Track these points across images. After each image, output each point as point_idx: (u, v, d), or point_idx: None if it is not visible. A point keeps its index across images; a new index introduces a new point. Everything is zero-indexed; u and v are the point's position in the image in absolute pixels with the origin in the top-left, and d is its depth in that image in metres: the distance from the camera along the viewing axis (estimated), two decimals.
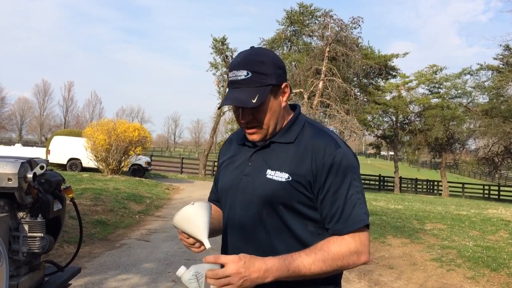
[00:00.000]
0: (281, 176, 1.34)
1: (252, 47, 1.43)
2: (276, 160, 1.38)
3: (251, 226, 1.38)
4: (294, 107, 1.51)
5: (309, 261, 1.25)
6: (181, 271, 1.25)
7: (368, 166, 59.65)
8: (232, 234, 1.44)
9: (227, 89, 1.44)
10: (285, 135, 1.41)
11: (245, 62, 1.36)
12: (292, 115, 1.47)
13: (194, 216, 1.29)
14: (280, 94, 1.40)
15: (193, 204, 1.30)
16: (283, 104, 1.41)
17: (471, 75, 29.20)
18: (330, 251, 1.27)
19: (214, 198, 1.64)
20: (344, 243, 1.29)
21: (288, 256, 1.25)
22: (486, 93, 29.02)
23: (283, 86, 1.40)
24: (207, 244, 1.30)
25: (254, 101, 1.32)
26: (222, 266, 1.21)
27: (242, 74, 1.35)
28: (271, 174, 1.36)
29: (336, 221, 1.31)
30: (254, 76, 1.34)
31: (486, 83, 28.53)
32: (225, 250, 1.47)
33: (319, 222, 1.35)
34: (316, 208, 1.35)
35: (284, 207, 1.34)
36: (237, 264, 1.20)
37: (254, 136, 1.41)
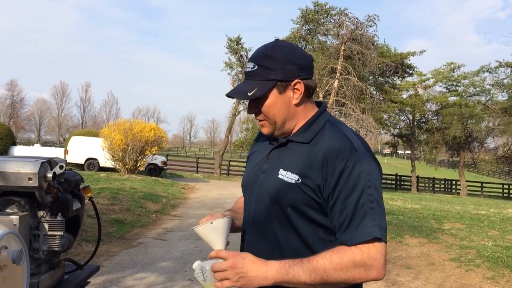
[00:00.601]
0: (291, 178, 1.30)
1: (276, 40, 1.40)
2: (289, 160, 1.34)
3: (262, 224, 1.36)
4: (320, 104, 1.46)
5: (309, 267, 1.20)
6: (195, 265, 1.32)
7: (385, 165, 59.10)
8: (247, 230, 1.44)
9: None
10: (303, 135, 1.36)
11: (256, 54, 1.36)
12: (315, 113, 1.40)
13: (213, 232, 1.33)
14: (290, 91, 1.35)
15: (211, 223, 1.32)
16: (294, 101, 1.35)
17: (490, 72, 28.80)
18: (332, 260, 1.19)
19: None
20: (348, 253, 1.20)
21: (290, 261, 1.22)
22: (505, 90, 28.55)
23: (293, 83, 1.34)
24: None
25: (249, 94, 1.31)
26: None
27: (250, 66, 1.36)
28: (283, 174, 1.32)
29: (343, 231, 1.23)
30: (258, 70, 1.33)
31: (505, 81, 28.11)
32: (241, 245, 1.47)
33: (331, 229, 1.29)
34: (328, 214, 1.29)
35: (293, 210, 1.30)
36: (234, 259, 1.22)
37: (264, 129, 1.40)
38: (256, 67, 1.33)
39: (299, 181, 1.28)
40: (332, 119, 1.40)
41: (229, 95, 1.39)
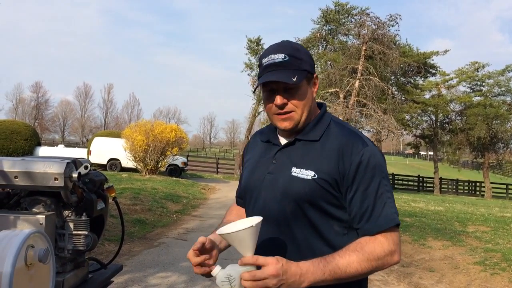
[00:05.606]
0: (307, 174, 1.33)
1: (282, 40, 1.44)
2: (301, 157, 1.37)
3: (277, 223, 1.37)
4: (320, 106, 1.51)
5: (344, 263, 1.22)
6: (216, 271, 1.23)
7: (406, 167, 58.35)
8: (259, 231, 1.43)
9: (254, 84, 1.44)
10: (311, 133, 1.40)
11: (282, 47, 1.38)
12: (318, 113, 1.47)
13: (249, 237, 1.20)
14: (312, 84, 1.42)
15: (253, 226, 1.19)
16: (314, 95, 1.44)
17: None
18: (364, 252, 1.25)
19: (238, 194, 1.65)
20: (377, 243, 1.27)
21: (322, 259, 1.22)
22: None
23: (314, 76, 1.43)
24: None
25: (294, 79, 1.31)
26: (258, 268, 1.17)
27: (279, 57, 1.34)
28: (296, 171, 1.35)
29: (366, 221, 1.30)
30: (291, 59, 1.34)
31: None
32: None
33: (345, 221, 1.34)
34: (343, 208, 1.33)
35: (311, 206, 1.32)
36: (275, 266, 1.15)
37: (286, 123, 1.38)
38: (288, 57, 1.34)
39: (316, 177, 1.32)
40: (335, 118, 1.47)
41: (271, 79, 1.32)
